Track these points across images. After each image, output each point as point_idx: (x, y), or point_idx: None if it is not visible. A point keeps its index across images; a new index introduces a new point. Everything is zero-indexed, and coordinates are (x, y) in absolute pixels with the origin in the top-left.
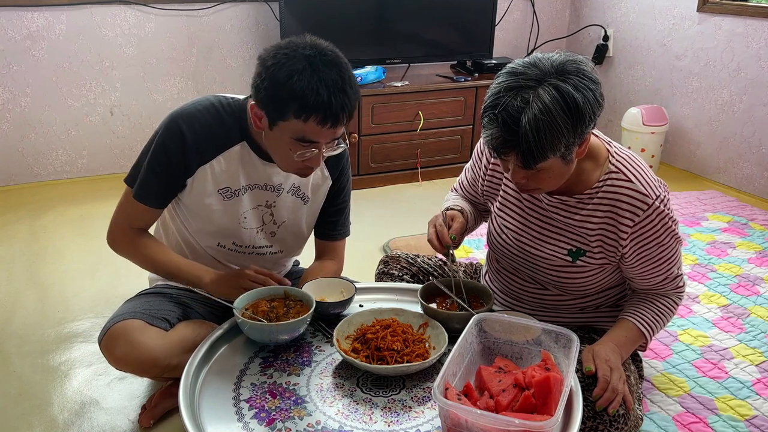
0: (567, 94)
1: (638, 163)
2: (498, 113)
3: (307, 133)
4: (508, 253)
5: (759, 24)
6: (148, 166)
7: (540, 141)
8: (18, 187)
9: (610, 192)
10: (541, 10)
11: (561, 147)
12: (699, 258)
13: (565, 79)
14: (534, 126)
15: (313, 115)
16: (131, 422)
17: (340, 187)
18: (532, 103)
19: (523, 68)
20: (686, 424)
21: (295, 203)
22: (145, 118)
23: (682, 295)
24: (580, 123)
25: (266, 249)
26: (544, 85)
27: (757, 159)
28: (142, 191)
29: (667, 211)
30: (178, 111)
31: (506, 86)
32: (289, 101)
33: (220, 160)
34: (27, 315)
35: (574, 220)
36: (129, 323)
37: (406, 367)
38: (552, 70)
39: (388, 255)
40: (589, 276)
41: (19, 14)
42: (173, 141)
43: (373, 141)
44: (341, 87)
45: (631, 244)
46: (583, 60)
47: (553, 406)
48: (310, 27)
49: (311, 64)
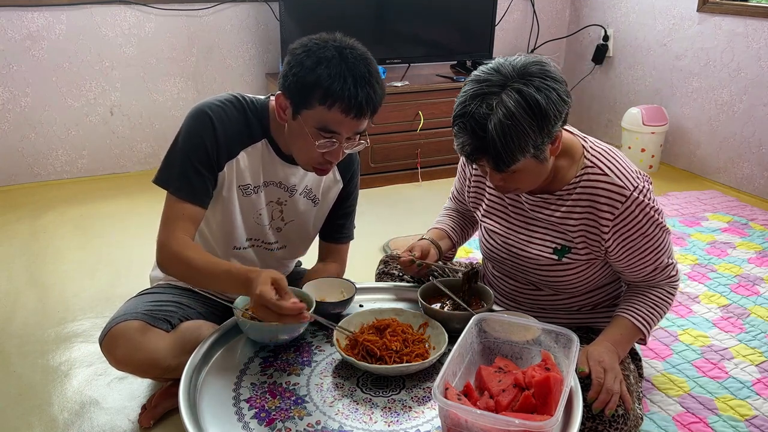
0: (529, 96)
1: (614, 155)
2: (466, 121)
3: (330, 122)
4: (498, 257)
5: (759, 24)
6: (185, 158)
7: (507, 145)
8: (18, 187)
9: (588, 187)
10: (541, 10)
11: (530, 148)
12: (699, 258)
13: (528, 82)
14: (500, 131)
15: (338, 103)
16: (131, 422)
17: (349, 191)
18: (496, 108)
19: (486, 75)
20: (686, 424)
21: (306, 205)
22: (145, 118)
23: (677, 284)
24: (545, 123)
25: (273, 245)
26: (507, 89)
27: (757, 159)
28: (186, 187)
29: (646, 201)
30: (205, 104)
31: (472, 94)
32: (315, 87)
33: (244, 155)
34: (27, 315)
35: (556, 217)
36: (130, 324)
37: (406, 367)
38: (514, 74)
39: (389, 255)
40: (577, 273)
41: (19, 14)
42: (206, 130)
43: (373, 141)
44: (368, 80)
45: (614, 237)
46: (545, 60)
47: (553, 406)
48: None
49: (341, 54)
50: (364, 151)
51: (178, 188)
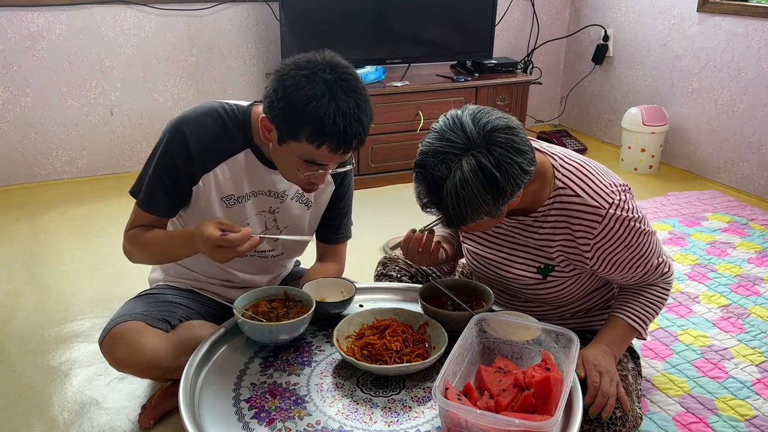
0: (487, 170)
1: (586, 171)
2: (425, 174)
3: (317, 158)
4: (484, 276)
5: (759, 24)
6: (154, 174)
7: (460, 211)
8: (18, 187)
9: (562, 209)
10: (541, 10)
11: (482, 215)
12: (699, 258)
13: (489, 151)
14: (454, 197)
15: (327, 143)
16: (131, 422)
17: (342, 192)
18: (454, 173)
19: (450, 133)
20: (686, 424)
21: (299, 209)
22: (145, 118)
23: (670, 279)
24: (500, 197)
25: (268, 252)
26: (468, 155)
27: (757, 159)
28: (149, 200)
29: (625, 214)
30: (182, 118)
31: (434, 150)
32: (305, 126)
33: (224, 168)
34: (27, 315)
35: (534, 239)
36: (130, 325)
37: (406, 367)
38: (478, 140)
39: (387, 256)
40: (565, 288)
41: (19, 14)
42: (178, 147)
43: (373, 141)
44: (357, 116)
45: (597, 254)
46: (514, 126)
47: (553, 406)
48: (310, 27)
49: (330, 90)
50: (365, 152)
51: (143, 200)
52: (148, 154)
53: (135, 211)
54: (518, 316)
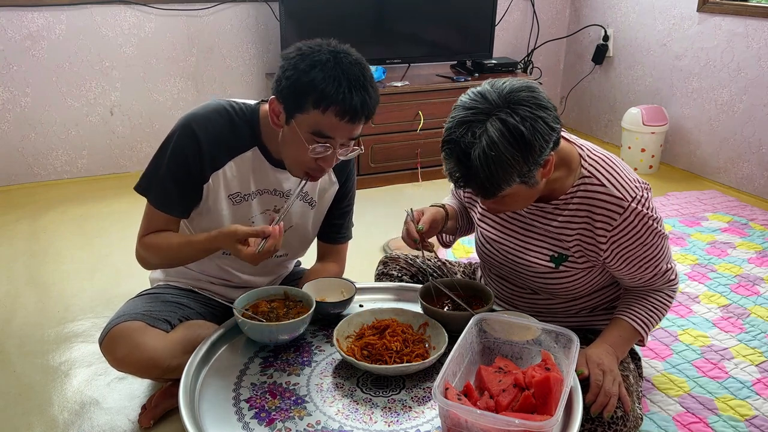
0: (513, 127)
1: (612, 164)
2: (452, 148)
3: (324, 127)
4: (495, 262)
5: (759, 24)
6: (168, 172)
7: (491, 175)
8: (18, 187)
9: (585, 198)
10: (541, 10)
11: (515, 177)
12: (699, 258)
13: (513, 111)
14: (484, 161)
15: (333, 106)
16: (131, 422)
17: (345, 192)
18: (480, 138)
19: (472, 102)
20: (686, 424)
21: (303, 208)
22: (145, 118)
23: (676, 287)
24: (530, 153)
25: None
26: (492, 118)
27: (757, 159)
28: (163, 198)
29: (645, 210)
30: (191, 115)
31: (458, 120)
32: (310, 90)
33: (232, 165)
34: (27, 315)
35: (553, 226)
36: (130, 324)
37: (406, 367)
38: (500, 102)
39: (388, 256)
40: (575, 280)
41: (19, 14)
42: (190, 145)
43: (373, 141)
44: (363, 84)
45: (612, 247)
46: (533, 86)
47: (553, 406)
48: (310, 27)
49: (335, 58)
50: (365, 152)
51: (157, 199)
52: (149, 154)
53: (148, 212)
54: (518, 316)
